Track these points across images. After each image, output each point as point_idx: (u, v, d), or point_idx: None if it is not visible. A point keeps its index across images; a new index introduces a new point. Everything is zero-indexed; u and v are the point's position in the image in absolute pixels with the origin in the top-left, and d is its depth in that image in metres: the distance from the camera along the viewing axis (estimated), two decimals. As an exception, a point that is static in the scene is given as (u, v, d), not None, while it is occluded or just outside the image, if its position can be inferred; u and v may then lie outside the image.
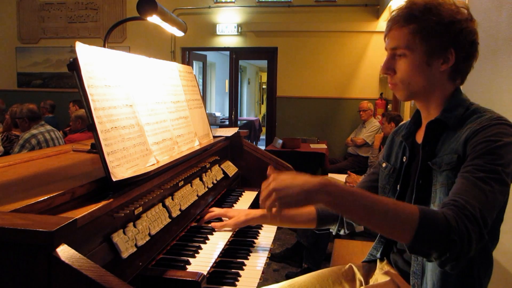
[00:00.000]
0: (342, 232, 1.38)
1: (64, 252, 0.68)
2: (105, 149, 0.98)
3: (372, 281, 1.32)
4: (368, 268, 1.36)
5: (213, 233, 1.38)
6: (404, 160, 1.20)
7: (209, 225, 1.42)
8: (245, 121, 9.33)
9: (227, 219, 1.44)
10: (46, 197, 0.83)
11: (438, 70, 1.07)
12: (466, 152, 0.98)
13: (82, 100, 0.98)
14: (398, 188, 1.20)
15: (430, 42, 1.05)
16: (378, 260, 1.33)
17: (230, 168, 1.95)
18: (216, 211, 1.48)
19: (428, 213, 0.84)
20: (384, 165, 1.29)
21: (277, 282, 1.33)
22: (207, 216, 1.46)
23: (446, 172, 1.02)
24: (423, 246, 0.84)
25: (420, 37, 1.05)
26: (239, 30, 6.42)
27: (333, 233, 1.40)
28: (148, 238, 1.09)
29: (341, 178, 3.87)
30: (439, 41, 1.04)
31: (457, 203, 0.86)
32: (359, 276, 1.34)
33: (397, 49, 1.09)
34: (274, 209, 0.89)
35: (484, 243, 0.86)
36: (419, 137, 1.18)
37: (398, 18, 1.08)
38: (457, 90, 1.12)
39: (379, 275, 1.29)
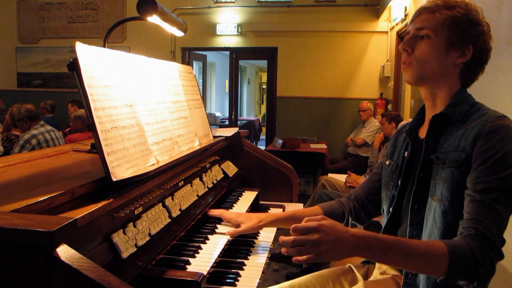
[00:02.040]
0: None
1: (64, 252, 0.68)
2: (105, 149, 0.98)
3: (371, 280, 1.32)
4: (367, 267, 1.37)
5: (213, 233, 1.38)
6: (405, 155, 1.21)
7: (225, 232, 1.39)
8: (245, 121, 9.33)
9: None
10: (46, 197, 0.83)
11: (453, 62, 1.11)
12: (473, 154, 1.01)
13: (82, 100, 0.98)
14: (399, 183, 1.20)
15: (455, 32, 1.09)
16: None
17: (230, 168, 1.95)
18: (226, 214, 1.48)
19: (456, 250, 0.91)
20: (387, 162, 1.31)
21: (277, 282, 1.32)
22: (213, 213, 1.50)
23: (451, 169, 1.04)
24: (454, 279, 0.93)
25: (448, 24, 1.10)
26: (239, 30, 6.42)
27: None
28: (148, 238, 1.09)
29: (341, 178, 3.87)
30: (463, 35, 1.09)
31: (478, 232, 0.93)
32: (358, 276, 1.34)
33: (423, 30, 1.13)
34: (304, 258, 0.90)
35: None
36: (422, 133, 1.20)
37: (433, 5, 1.13)
38: (463, 88, 1.15)
39: (378, 274, 1.29)
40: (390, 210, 1.23)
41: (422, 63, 1.12)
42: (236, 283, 1.16)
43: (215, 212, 1.50)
